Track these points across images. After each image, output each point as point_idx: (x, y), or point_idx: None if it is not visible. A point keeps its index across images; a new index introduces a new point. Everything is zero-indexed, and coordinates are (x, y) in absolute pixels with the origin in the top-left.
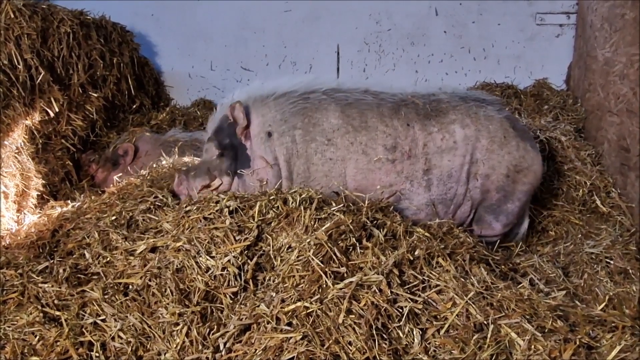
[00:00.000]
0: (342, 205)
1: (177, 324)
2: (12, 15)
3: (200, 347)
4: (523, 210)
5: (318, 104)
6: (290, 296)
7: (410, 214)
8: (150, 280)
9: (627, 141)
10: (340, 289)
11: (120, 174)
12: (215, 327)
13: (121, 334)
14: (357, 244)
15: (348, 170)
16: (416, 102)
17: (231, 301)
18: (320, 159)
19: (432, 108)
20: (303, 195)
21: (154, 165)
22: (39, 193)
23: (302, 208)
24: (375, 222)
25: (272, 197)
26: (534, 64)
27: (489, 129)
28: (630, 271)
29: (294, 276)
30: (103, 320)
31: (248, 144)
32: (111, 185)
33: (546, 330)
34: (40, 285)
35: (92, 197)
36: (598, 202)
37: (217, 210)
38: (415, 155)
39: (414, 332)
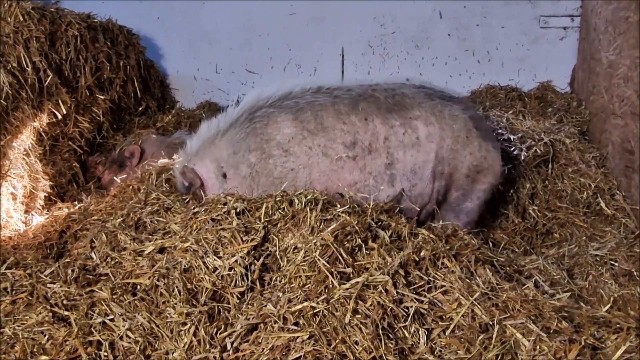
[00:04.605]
0: (347, 206)
1: (184, 324)
2: (21, 19)
3: (207, 346)
4: (482, 208)
5: (267, 119)
6: (296, 296)
7: None
8: (158, 280)
9: (631, 144)
10: (347, 289)
11: (126, 176)
12: (223, 326)
13: (129, 334)
14: (363, 245)
15: (313, 175)
16: (377, 97)
17: (238, 301)
18: (282, 172)
19: (395, 102)
20: (309, 197)
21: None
22: (47, 194)
23: (307, 209)
24: (380, 223)
25: (278, 199)
26: (538, 66)
27: (453, 128)
28: (635, 273)
29: (300, 276)
30: (111, 320)
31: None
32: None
33: (551, 331)
34: (49, 285)
35: (98, 199)
36: (602, 204)
37: (224, 212)
38: (376, 149)
39: (420, 332)
